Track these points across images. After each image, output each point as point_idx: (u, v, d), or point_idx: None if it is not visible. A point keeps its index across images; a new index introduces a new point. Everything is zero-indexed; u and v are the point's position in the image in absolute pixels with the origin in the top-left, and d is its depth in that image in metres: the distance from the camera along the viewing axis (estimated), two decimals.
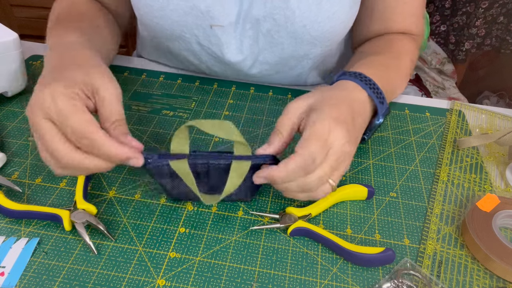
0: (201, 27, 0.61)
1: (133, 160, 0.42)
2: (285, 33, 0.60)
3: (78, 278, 0.41)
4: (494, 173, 0.56)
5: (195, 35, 0.62)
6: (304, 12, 0.57)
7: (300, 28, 0.59)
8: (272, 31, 0.60)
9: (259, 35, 0.62)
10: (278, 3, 0.57)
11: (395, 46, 0.63)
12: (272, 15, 0.59)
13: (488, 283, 0.44)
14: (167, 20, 0.60)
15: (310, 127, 0.42)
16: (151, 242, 0.45)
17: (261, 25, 0.60)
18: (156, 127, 0.60)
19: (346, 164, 0.44)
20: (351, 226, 0.48)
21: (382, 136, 0.61)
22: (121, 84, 0.68)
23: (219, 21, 0.60)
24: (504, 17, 1.47)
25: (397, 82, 0.62)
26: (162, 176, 0.45)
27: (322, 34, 0.60)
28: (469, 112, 0.67)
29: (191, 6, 0.58)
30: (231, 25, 0.61)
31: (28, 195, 0.49)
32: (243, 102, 0.66)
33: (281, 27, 0.59)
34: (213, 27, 0.60)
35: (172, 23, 0.61)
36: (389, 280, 0.42)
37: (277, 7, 0.58)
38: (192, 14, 0.59)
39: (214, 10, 0.59)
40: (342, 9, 0.59)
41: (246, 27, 0.61)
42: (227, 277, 0.42)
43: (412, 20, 0.66)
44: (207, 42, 0.62)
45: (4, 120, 0.59)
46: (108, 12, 0.66)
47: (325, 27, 0.59)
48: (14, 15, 1.64)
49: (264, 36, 0.62)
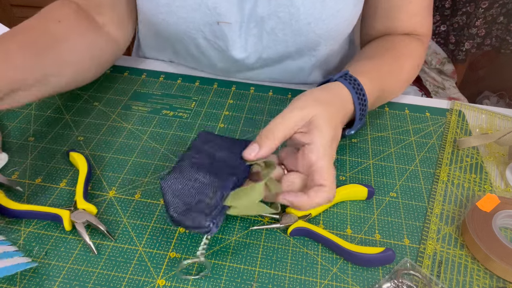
0: (208, 24, 0.61)
1: None
2: (289, 30, 0.60)
3: (78, 278, 0.41)
4: (494, 173, 0.56)
5: (201, 31, 0.62)
6: (308, 9, 0.58)
7: (304, 25, 0.59)
8: (277, 29, 0.61)
9: (263, 33, 0.62)
10: (283, 1, 0.58)
11: (397, 49, 0.63)
12: (277, 12, 0.59)
13: (488, 283, 0.44)
14: (173, 16, 0.60)
15: (322, 156, 0.44)
16: (151, 242, 0.45)
17: (265, 23, 0.60)
18: (156, 127, 0.60)
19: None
20: (351, 226, 0.48)
21: (382, 136, 0.61)
22: (121, 84, 0.68)
23: (226, 18, 0.60)
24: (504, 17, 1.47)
25: (393, 87, 0.63)
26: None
27: (326, 32, 0.60)
28: (469, 112, 0.67)
29: (199, 3, 0.58)
30: (237, 23, 0.61)
31: (28, 195, 0.49)
32: (243, 102, 0.66)
33: (285, 25, 0.60)
34: (220, 24, 0.60)
35: (178, 19, 0.60)
36: (389, 280, 0.42)
37: (282, 4, 0.58)
38: (199, 10, 0.59)
39: (221, 7, 0.59)
40: (347, 6, 0.59)
41: (251, 25, 0.61)
42: (227, 277, 0.42)
43: (417, 19, 0.66)
44: (213, 37, 0.62)
45: (4, 120, 0.59)
46: (91, 35, 0.60)
47: (330, 25, 0.59)
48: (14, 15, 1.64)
49: (268, 34, 0.62)
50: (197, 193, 0.42)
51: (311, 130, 0.45)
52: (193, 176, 0.43)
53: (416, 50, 0.65)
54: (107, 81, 0.68)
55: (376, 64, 0.60)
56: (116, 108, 0.63)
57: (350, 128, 0.56)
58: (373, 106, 0.60)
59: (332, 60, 0.72)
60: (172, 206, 0.41)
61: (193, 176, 0.43)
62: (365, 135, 0.61)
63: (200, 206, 0.41)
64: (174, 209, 0.41)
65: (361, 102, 0.53)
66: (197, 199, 0.41)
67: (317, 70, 0.71)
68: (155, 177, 0.52)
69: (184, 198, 0.42)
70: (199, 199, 0.41)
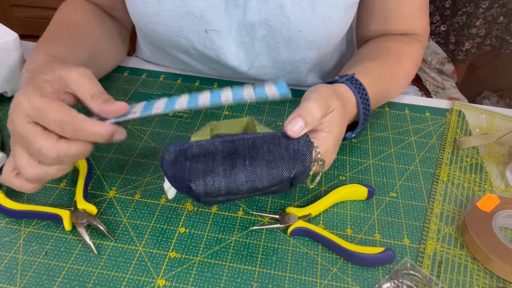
0: (196, 32, 0.61)
1: (117, 134, 0.42)
2: (280, 38, 0.60)
3: (78, 278, 0.41)
4: (494, 173, 0.56)
5: (190, 40, 0.62)
6: (299, 17, 0.57)
7: (295, 33, 0.59)
8: (268, 37, 0.60)
9: (254, 40, 0.62)
10: (273, 10, 0.57)
11: (395, 48, 0.63)
12: (267, 21, 0.58)
13: (488, 283, 0.44)
14: (162, 26, 0.61)
15: (332, 152, 0.46)
16: (151, 242, 0.45)
17: (256, 31, 0.60)
18: (156, 127, 0.60)
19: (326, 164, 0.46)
20: (351, 226, 0.48)
21: (382, 136, 0.61)
22: (121, 84, 0.68)
23: (213, 26, 0.60)
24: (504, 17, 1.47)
25: (392, 87, 0.63)
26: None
27: (318, 39, 0.60)
28: (469, 112, 0.67)
29: (186, 12, 0.58)
30: (226, 30, 0.61)
31: (28, 195, 0.49)
32: (243, 102, 0.66)
33: (276, 33, 0.59)
34: (208, 32, 0.60)
35: (168, 28, 0.61)
36: (389, 280, 0.42)
37: (272, 13, 0.58)
38: (186, 19, 0.59)
39: (208, 15, 0.59)
40: (338, 13, 0.59)
41: (242, 33, 0.61)
42: (227, 277, 0.42)
43: (413, 20, 0.66)
44: (202, 47, 0.62)
45: (4, 120, 0.59)
46: (107, 20, 0.67)
47: (321, 32, 0.59)
48: (14, 15, 1.64)
49: (259, 42, 0.61)
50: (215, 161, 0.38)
51: (326, 124, 0.45)
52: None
53: (414, 49, 0.65)
54: (107, 81, 0.68)
55: (376, 65, 0.60)
56: None
57: (351, 132, 0.56)
58: (373, 107, 0.61)
59: (328, 62, 0.72)
60: (169, 152, 0.39)
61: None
62: (365, 135, 0.61)
63: (200, 165, 0.37)
64: (169, 154, 0.39)
65: (365, 106, 0.54)
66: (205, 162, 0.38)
67: (313, 73, 0.71)
68: (155, 177, 0.52)
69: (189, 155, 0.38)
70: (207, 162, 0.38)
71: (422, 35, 0.68)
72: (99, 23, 0.64)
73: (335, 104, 0.46)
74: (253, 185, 0.38)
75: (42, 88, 0.41)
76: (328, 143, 0.44)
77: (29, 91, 0.41)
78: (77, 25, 0.60)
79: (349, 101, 0.52)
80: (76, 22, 0.61)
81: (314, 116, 0.42)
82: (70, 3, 0.64)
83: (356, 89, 0.53)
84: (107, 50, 0.65)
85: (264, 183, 0.38)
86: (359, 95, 0.53)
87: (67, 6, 0.64)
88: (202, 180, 0.38)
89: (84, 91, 0.42)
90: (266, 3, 0.57)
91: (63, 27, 0.59)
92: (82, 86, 0.43)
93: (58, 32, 0.57)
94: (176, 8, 0.58)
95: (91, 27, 0.61)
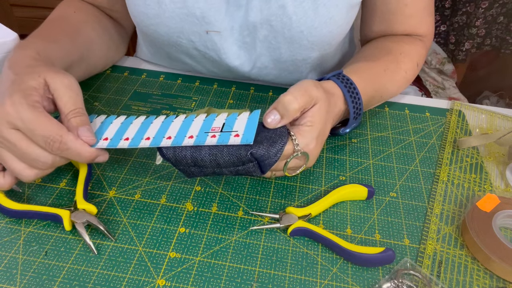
0: (197, 33, 0.61)
1: (100, 157, 0.45)
2: (282, 39, 0.60)
3: (78, 278, 0.41)
4: (494, 173, 0.56)
5: (191, 41, 0.62)
6: (301, 18, 0.57)
7: (297, 33, 0.59)
8: (269, 37, 0.60)
9: (256, 41, 0.62)
10: (275, 10, 0.57)
11: (395, 48, 0.63)
12: (269, 21, 0.59)
13: (488, 283, 0.44)
14: (163, 27, 0.61)
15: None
16: (151, 242, 0.45)
17: (258, 31, 0.60)
18: None
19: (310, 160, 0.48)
20: (351, 226, 0.48)
21: (382, 136, 0.61)
22: (121, 84, 0.68)
23: (215, 27, 0.60)
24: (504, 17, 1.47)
25: (389, 86, 0.63)
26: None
27: (319, 39, 0.60)
28: (469, 112, 0.67)
29: (187, 13, 0.58)
30: (227, 31, 0.61)
31: (28, 195, 0.49)
32: (243, 102, 0.66)
33: (278, 33, 0.59)
34: (209, 33, 0.60)
35: (169, 30, 0.61)
36: (389, 280, 0.42)
37: (274, 14, 0.58)
38: (187, 20, 0.59)
39: (209, 16, 0.59)
40: (339, 13, 0.59)
41: (244, 33, 0.61)
42: (227, 277, 0.42)
43: (415, 21, 0.66)
44: (203, 48, 0.63)
45: None
46: (104, 20, 0.67)
47: (322, 32, 0.59)
48: (14, 15, 1.64)
49: (261, 42, 0.62)
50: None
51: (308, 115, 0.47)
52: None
53: (414, 49, 0.65)
54: (107, 81, 0.68)
55: (371, 64, 0.60)
56: (116, 108, 0.63)
57: (344, 127, 0.56)
58: (369, 106, 0.61)
59: (329, 61, 0.72)
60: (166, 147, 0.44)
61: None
62: (365, 135, 0.61)
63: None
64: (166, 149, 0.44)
65: (355, 100, 0.53)
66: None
67: (314, 72, 0.71)
68: (155, 177, 0.52)
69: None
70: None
71: (426, 35, 0.68)
72: (93, 22, 0.64)
73: (318, 96, 0.47)
74: (214, 158, 0.43)
75: (29, 96, 0.42)
76: (309, 136, 0.46)
77: (16, 100, 0.41)
78: (68, 24, 0.60)
79: (335, 96, 0.52)
80: (68, 20, 0.61)
81: (289, 108, 0.45)
82: (67, 2, 0.64)
83: (343, 83, 0.53)
84: (98, 49, 0.64)
85: (224, 157, 0.43)
86: (347, 89, 0.53)
87: (63, 5, 0.64)
88: (173, 149, 0.44)
89: (65, 105, 0.44)
90: (268, 3, 0.57)
91: (54, 25, 0.59)
92: (63, 99, 0.44)
93: (49, 29, 0.58)
94: (177, 9, 0.58)
95: (83, 26, 0.61)
